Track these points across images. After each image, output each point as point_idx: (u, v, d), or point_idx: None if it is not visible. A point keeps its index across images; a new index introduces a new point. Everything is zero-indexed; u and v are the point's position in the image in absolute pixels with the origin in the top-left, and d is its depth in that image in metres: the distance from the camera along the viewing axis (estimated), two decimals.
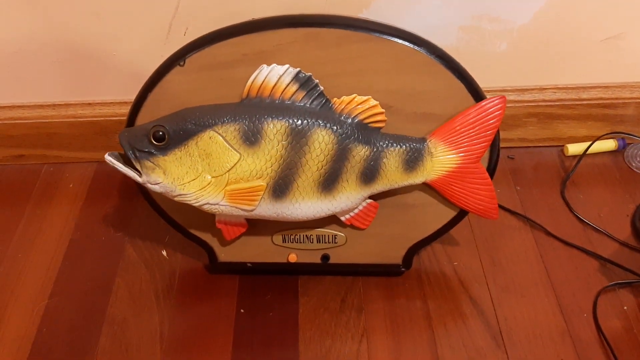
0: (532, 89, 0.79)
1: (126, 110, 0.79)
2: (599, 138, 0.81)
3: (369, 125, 0.55)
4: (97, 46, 0.75)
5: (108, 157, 0.53)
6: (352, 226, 0.62)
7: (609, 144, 0.82)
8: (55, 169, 0.84)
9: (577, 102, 0.79)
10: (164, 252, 0.72)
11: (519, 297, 0.65)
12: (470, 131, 0.56)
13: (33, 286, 0.69)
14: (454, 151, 0.57)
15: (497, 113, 0.56)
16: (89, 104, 0.80)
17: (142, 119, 0.58)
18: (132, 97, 0.79)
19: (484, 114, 0.56)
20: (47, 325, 0.65)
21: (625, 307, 0.64)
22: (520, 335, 0.62)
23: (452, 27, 0.73)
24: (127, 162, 0.55)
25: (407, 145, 0.56)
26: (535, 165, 0.81)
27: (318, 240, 0.64)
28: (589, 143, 0.81)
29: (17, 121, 0.81)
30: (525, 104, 0.79)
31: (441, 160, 0.57)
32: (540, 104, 0.79)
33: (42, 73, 0.78)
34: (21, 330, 0.64)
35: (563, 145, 0.83)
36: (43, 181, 0.82)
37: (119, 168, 0.53)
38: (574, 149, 0.82)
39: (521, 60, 0.76)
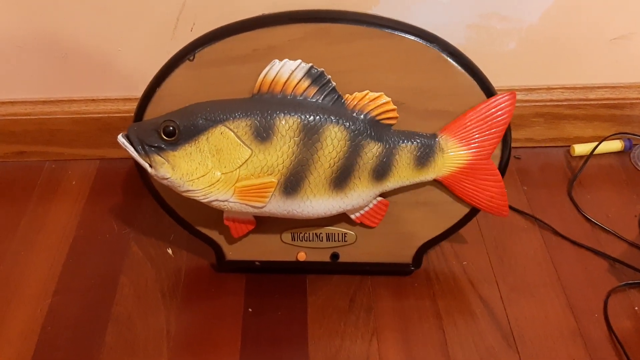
0: (540, 89, 0.79)
1: (130, 106, 0.79)
2: (605, 138, 0.81)
3: (381, 121, 0.55)
4: (102, 41, 0.74)
5: (121, 139, 0.52)
6: (362, 224, 0.61)
7: (616, 145, 0.82)
8: (58, 166, 0.83)
9: (584, 102, 0.79)
10: (170, 250, 0.71)
11: (528, 297, 0.65)
12: (481, 127, 0.56)
13: (36, 284, 0.68)
14: (464, 147, 0.57)
15: (507, 109, 0.56)
16: (93, 100, 0.79)
17: (150, 114, 0.57)
18: (136, 93, 0.79)
19: (494, 109, 0.56)
20: (52, 323, 0.64)
21: (636, 308, 0.64)
22: (531, 335, 0.62)
23: (460, 25, 0.73)
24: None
25: (418, 141, 0.56)
26: (542, 165, 0.81)
27: (328, 239, 0.64)
28: (595, 143, 0.81)
29: (19, 117, 0.80)
30: (533, 104, 0.79)
31: (452, 156, 0.57)
32: (547, 103, 0.79)
33: (45, 68, 0.77)
34: (25, 328, 0.63)
35: (569, 146, 0.83)
36: (45, 178, 0.81)
37: (130, 152, 0.52)
38: (581, 149, 0.81)
39: (529, 59, 0.76)
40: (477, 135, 0.56)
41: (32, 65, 0.76)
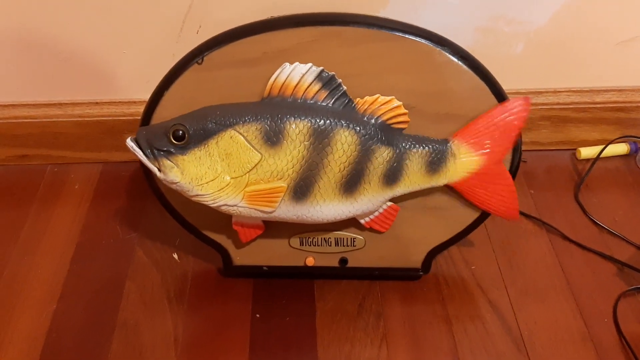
0: (546, 92, 0.79)
1: (135, 109, 0.78)
2: (611, 142, 0.81)
3: (392, 126, 0.54)
4: (107, 44, 0.73)
5: (129, 143, 0.51)
6: (371, 229, 0.61)
7: (621, 148, 0.82)
8: (60, 169, 0.82)
9: (590, 106, 0.79)
10: (175, 255, 0.70)
11: (538, 302, 0.65)
12: (494, 132, 0.55)
13: (41, 289, 0.67)
14: (477, 152, 0.56)
15: (520, 114, 0.55)
16: (97, 103, 0.78)
17: (158, 117, 0.56)
18: (140, 96, 0.78)
19: (507, 114, 0.55)
20: (57, 329, 0.63)
21: None
22: (541, 339, 0.61)
23: (468, 27, 0.72)
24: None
25: (431, 146, 0.55)
26: (548, 168, 0.81)
27: (336, 244, 0.63)
28: (601, 147, 0.81)
29: (21, 120, 0.79)
30: (539, 107, 0.79)
31: (464, 161, 0.56)
32: (554, 107, 0.79)
33: (48, 71, 0.76)
34: (30, 334, 0.62)
35: (575, 149, 0.82)
36: (47, 182, 0.80)
37: (139, 156, 0.51)
38: (587, 152, 0.81)
39: (536, 62, 0.76)
40: (489, 141, 0.55)
41: (35, 67, 0.75)
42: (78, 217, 0.75)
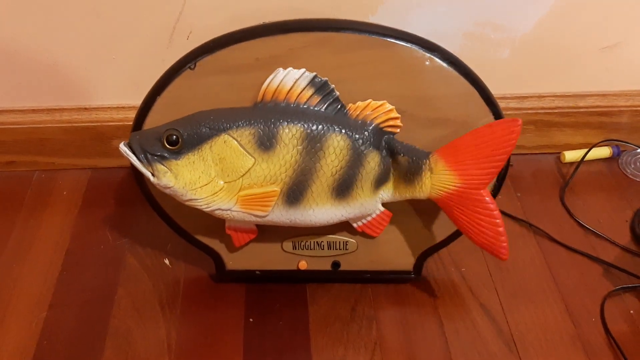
0: (531, 97, 0.80)
1: (124, 115, 0.78)
2: (595, 145, 0.83)
3: (385, 130, 0.55)
4: (96, 49, 0.73)
5: (123, 147, 0.51)
6: (363, 233, 0.61)
7: (604, 151, 0.83)
8: (47, 176, 0.81)
9: (574, 110, 0.80)
10: (167, 261, 0.70)
11: (527, 303, 0.66)
12: (476, 153, 0.52)
13: (30, 298, 0.66)
14: (454, 172, 0.53)
15: (509, 138, 0.50)
16: (85, 108, 0.78)
17: (150, 123, 0.56)
18: (130, 101, 0.78)
19: (493, 136, 0.51)
20: (48, 338, 0.62)
21: (631, 311, 0.65)
22: (532, 340, 0.62)
23: (455, 33, 0.74)
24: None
25: (409, 156, 0.54)
26: (534, 172, 0.82)
27: (329, 247, 0.63)
28: (585, 150, 0.82)
29: (7, 126, 0.78)
30: (524, 112, 0.80)
31: (440, 178, 0.54)
32: (538, 111, 0.80)
33: (35, 76, 0.75)
34: (20, 344, 0.62)
35: (559, 153, 0.84)
36: (35, 189, 0.79)
37: (133, 160, 0.51)
38: (571, 156, 0.83)
39: (522, 67, 0.77)
40: (469, 161, 0.52)
41: (22, 73, 0.75)
42: (67, 224, 0.74)
